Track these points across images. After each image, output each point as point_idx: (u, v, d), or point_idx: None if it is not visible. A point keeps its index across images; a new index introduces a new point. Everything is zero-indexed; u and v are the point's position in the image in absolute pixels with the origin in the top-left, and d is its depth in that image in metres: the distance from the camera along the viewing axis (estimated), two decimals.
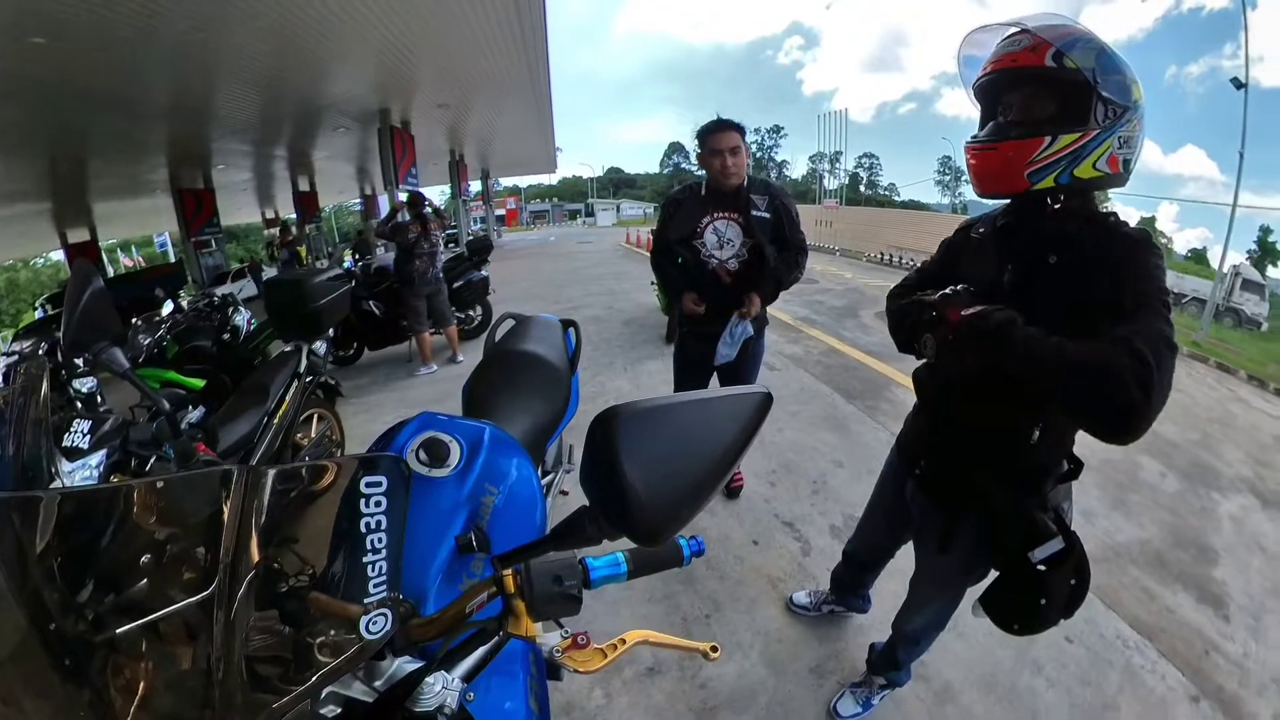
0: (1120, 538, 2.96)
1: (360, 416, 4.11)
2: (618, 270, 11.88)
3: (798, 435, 3.71)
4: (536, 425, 1.43)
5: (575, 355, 1.84)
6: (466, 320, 6.16)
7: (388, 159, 10.75)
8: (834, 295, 9.14)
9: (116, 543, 0.47)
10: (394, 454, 0.66)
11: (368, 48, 7.00)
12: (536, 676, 0.84)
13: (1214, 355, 8.78)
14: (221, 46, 5.98)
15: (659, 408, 0.58)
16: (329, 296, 2.90)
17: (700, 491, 0.58)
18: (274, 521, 0.48)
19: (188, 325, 4.92)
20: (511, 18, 7.21)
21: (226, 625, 0.45)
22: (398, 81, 8.93)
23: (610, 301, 8.24)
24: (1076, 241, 1.06)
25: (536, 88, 11.55)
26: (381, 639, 0.57)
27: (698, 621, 2.15)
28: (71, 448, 1.88)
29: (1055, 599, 1.15)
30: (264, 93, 8.20)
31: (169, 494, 0.51)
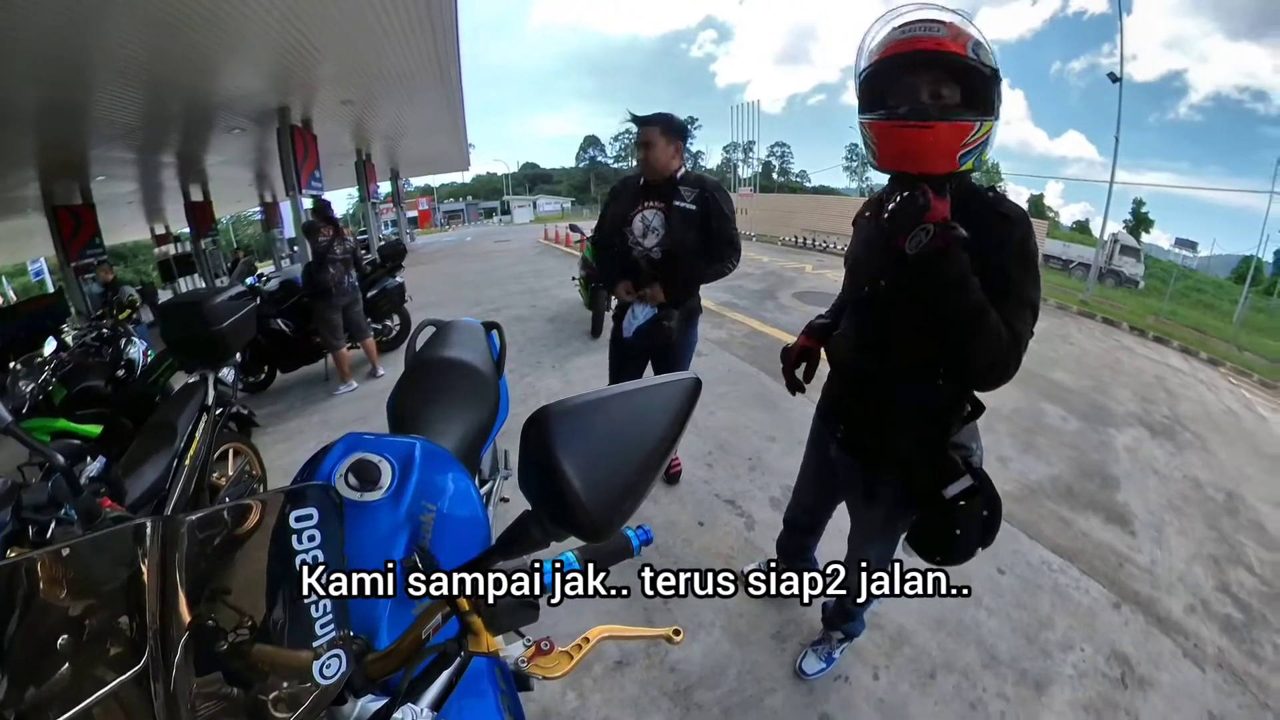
0: (1033, 476, 3.27)
1: (280, 446, 3.85)
2: (537, 267, 11.74)
3: (730, 416, 3.83)
4: (468, 434, 1.40)
5: (501, 358, 1.81)
6: (384, 331, 5.86)
7: (289, 161, 10.02)
8: (753, 279, 9.47)
9: (26, 626, 0.43)
10: (322, 482, 0.64)
11: (263, 40, 6.46)
12: (507, 691, 0.84)
13: (1100, 312, 9.82)
14: (95, 41, 5.35)
15: (590, 403, 0.58)
16: (232, 318, 2.65)
17: (640, 481, 0.59)
18: (201, 574, 0.46)
19: (75, 364, 4.38)
20: (420, 9, 6.88)
21: (167, 699, 0.42)
22: (297, 77, 8.32)
23: (532, 300, 8.14)
24: (961, 217, 1.14)
25: (447, 82, 11.10)
26: (338, 682, 0.55)
27: (658, 609, 2.19)
28: None
29: (970, 530, 1.29)
30: (147, 92, 7.37)
31: (78, 561, 0.47)
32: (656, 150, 2.27)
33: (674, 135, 2.30)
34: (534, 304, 7.84)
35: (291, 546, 0.52)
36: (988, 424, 1.49)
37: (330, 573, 0.55)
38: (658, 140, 2.27)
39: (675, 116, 2.33)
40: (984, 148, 1.15)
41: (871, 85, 1.22)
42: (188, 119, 9.51)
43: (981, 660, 2.01)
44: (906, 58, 1.14)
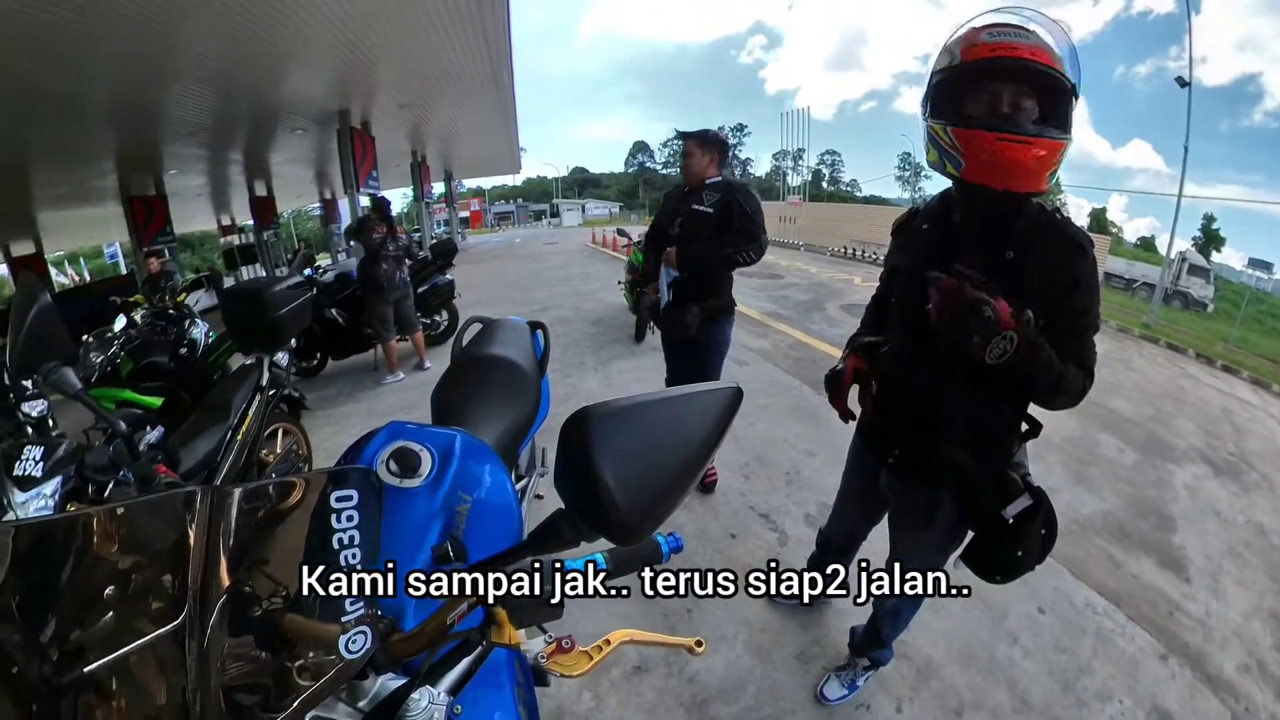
0: (1084, 510, 3.09)
1: (327, 429, 4.00)
2: (584, 270, 11.82)
3: (769, 428, 3.77)
4: (508, 430, 1.42)
5: (544, 357, 1.83)
6: (432, 326, 6.03)
7: (348, 161, 10.46)
8: (799, 290, 9.31)
9: (78, 576, 0.45)
10: (363, 466, 0.65)
11: (326, 46, 6.79)
12: (524, 684, 0.84)
13: (1164, 336, 9.24)
14: (172, 45, 5.72)
15: (630, 407, 0.58)
16: (290, 306, 2.79)
17: (675, 488, 0.59)
18: (243, 543, 0.47)
19: (142, 341, 4.70)
20: (475, 17, 7.10)
21: (200, 655, 0.44)
22: (358, 81, 8.70)
23: (578, 302, 8.20)
24: (1032, 241, 1.16)
25: (500, 88, 11.40)
26: (362, 658, 0.56)
27: (680, 617, 2.17)
28: (24, 476, 1.78)
29: (1030, 549, 1.27)
30: (217, 93, 7.86)
31: (131, 520, 0.50)
32: (693, 160, 2.54)
33: (709, 147, 2.55)
34: (579, 306, 7.90)
35: (330, 525, 0.53)
36: (1037, 452, 1.43)
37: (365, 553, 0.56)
38: (694, 151, 2.54)
39: (712, 131, 2.60)
40: (1058, 167, 1.11)
41: (950, 88, 1.15)
42: (254, 120, 10.07)
43: (1012, 703, 1.90)
44: (999, 63, 1.06)
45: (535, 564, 0.68)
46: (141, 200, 12.93)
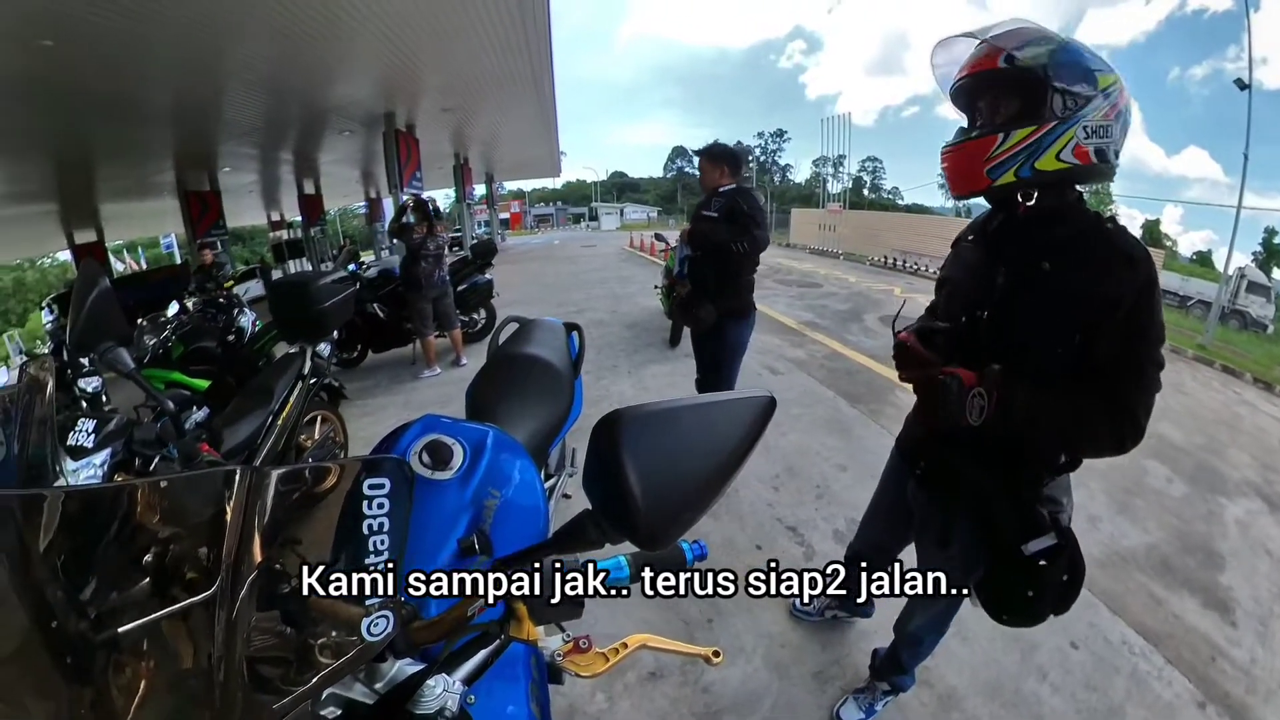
0: (1126, 542, 2.94)
1: (364, 419, 4.11)
2: (621, 274, 11.85)
3: (801, 439, 3.70)
4: (540, 429, 1.43)
5: (579, 359, 1.85)
6: (471, 323, 6.16)
7: (393, 162, 10.76)
8: (838, 299, 9.13)
9: (119, 542, 0.47)
10: (397, 456, 0.66)
11: (373, 52, 7.03)
12: (538, 680, 0.84)
13: (1220, 359, 8.68)
14: (226, 50, 6.02)
15: (662, 411, 0.58)
16: (334, 299, 2.90)
17: (703, 495, 0.59)
18: (277, 522, 0.48)
19: (193, 326, 4.95)
20: (516, 23, 7.25)
21: (228, 625, 0.45)
22: (403, 85, 8.96)
23: (614, 305, 8.22)
24: (1073, 251, 1.08)
25: (541, 92, 11.59)
26: (382, 641, 0.56)
27: (700, 626, 2.14)
28: (76, 446, 1.88)
29: (1046, 593, 1.17)
30: (269, 96, 8.24)
31: (172, 494, 0.51)
32: (705, 174, 2.87)
33: (718, 160, 2.83)
34: (615, 309, 7.92)
35: (361, 511, 0.54)
36: (1080, 478, 1.35)
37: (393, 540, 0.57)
38: (705, 166, 2.86)
39: (719, 145, 2.89)
40: (1024, 157, 1.06)
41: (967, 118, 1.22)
42: (304, 121, 10.51)
43: None
44: (958, 87, 1.16)
45: (557, 563, 0.68)
46: (197, 195, 13.63)
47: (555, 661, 0.86)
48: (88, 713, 0.44)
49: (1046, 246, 1.10)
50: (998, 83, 1.10)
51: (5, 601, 0.43)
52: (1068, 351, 1.07)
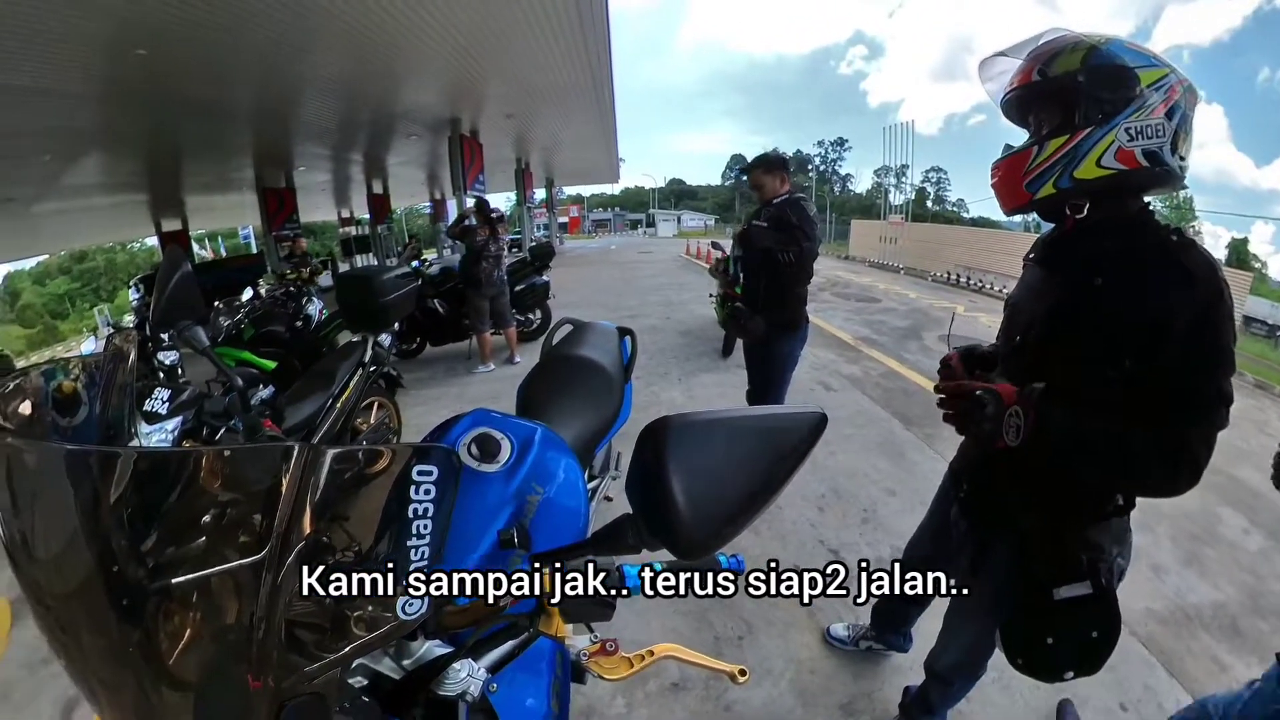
0: (1192, 598, 2.69)
1: (418, 408, 4.25)
2: (677, 281, 11.83)
3: (851, 459, 3.59)
4: (587, 430, 1.44)
5: (630, 363, 1.85)
6: (526, 323, 6.32)
7: (457, 165, 11.14)
8: (897, 315, 8.79)
9: (181, 502, 0.50)
10: (447, 446, 0.67)
11: (440, 60, 7.31)
12: (561, 677, 0.84)
13: None
14: (305, 59, 6.42)
15: (710, 421, 0.58)
16: (397, 293, 3.05)
17: (745, 509, 0.58)
18: (328, 498, 0.50)
19: (265, 311, 5.29)
20: (577, 33, 7.40)
21: (273, 589, 0.47)
22: (468, 92, 9.27)
23: (668, 312, 8.20)
24: (1127, 265, 0.98)
25: (600, 100, 11.76)
26: (415, 620, 0.58)
27: (729, 642, 2.09)
28: (151, 412, 2.05)
29: (1066, 645, 1.08)
30: (343, 102, 8.72)
31: (234, 463, 0.54)
32: (763, 187, 2.84)
33: (775, 169, 2.81)
34: (669, 316, 7.90)
35: (408, 495, 0.56)
36: (1145, 520, 1.25)
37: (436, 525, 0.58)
38: (762, 180, 2.82)
39: (770, 153, 2.89)
40: (1061, 167, 1.00)
41: None
42: (375, 125, 11.02)
43: None
44: (1003, 109, 1.17)
45: (593, 564, 0.68)
46: (273, 191, 14.52)
47: (580, 661, 0.86)
48: (135, 651, 0.47)
49: (1098, 261, 1.02)
50: (1037, 96, 1.07)
51: (75, 543, 0.47)
52: (1120, 377, 0.97)
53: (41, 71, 5.20)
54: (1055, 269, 1.13)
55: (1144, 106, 0.95)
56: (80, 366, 0.76)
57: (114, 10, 4.40)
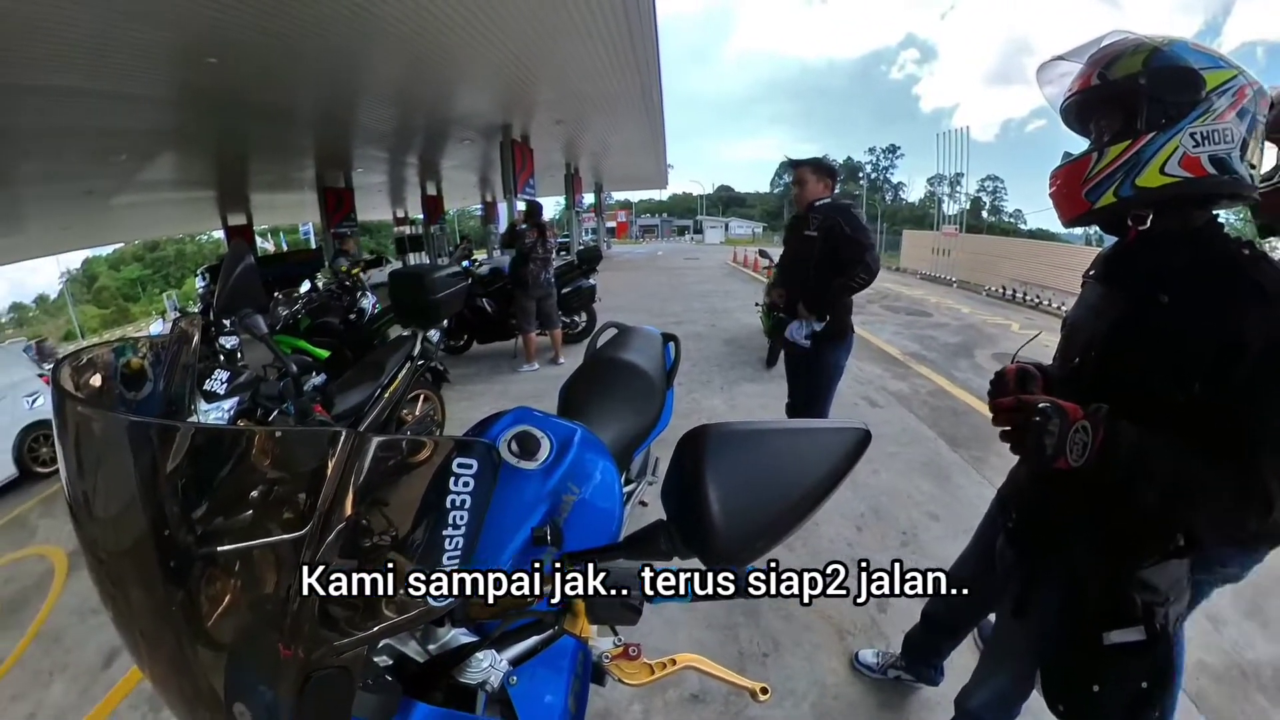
0: (1251, 654, 2.46)
1: (462, 402, 4.37)
2: (723, 289, 11.77)
3: (894, 479, 3.47)
4: (626, 433, 1.44)
5: (673, 369, 1.85)
6: (571, 325, 6.43)
7: (508, 170, 11.41)
8: (948, 331, 8.47)
9: (232, 477, 0.52)
10: (488, 441, 0.69)
11: (492, 69, 7.54)
12: (581, 677, 0.84)
13: None
14: (365, 66, 6.73)
15: (751, 432, 0.58)
16: (447, 290, 3.15)
17: (781, 523, 0.57)
18: (369, 483, 0.51)
19: (320, 303, 5.57)
20: (625, 41, 7.49)
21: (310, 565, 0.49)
22: (519, 99, 9.52)
23: (713, 320, 8.17)
24: (1194, 280, 0.92)
25: (649, 107, 11.84)
26: (444, 608, 0.59)
27: (754, 658, 2.05)
28: (210, 392, 2.21)
29: (1113, 695, 0.99)
30: (399, 107, 9.12)
31: (284, 444, 0.56)
32: (804, 187, 2.76)
33: (822, 173, 2.75)
34: (714, 324, 7.88)
35: (447, 486, 0.57)
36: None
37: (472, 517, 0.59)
38: (807, 179, 2.74)
39: (822, 159, 2.83)
40: (1123, 174, 0.94)
41: None
42: (429, 130, 11.42)
43: None
44: (1062, 116, 1.12)
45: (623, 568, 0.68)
46: (333, 191, 15.14)
47: (602, 663, 0.85)
48: (176, 611, 0.50)
49: (1163, 276, 0.95)
50: (1096, 101, 1.02)
51: (131, 506, 0.50)
52: (1187, 402, 0.90)
53: (123, 78, 5.65)
54: (1117, 285, 1.06)
55: (1210, 110, 0.89)
56: (148, 346, 0.81)
57: (188, 23, 4.75)
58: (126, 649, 0.56)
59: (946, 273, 15.76)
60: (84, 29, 4.50)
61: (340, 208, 15.37)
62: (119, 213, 13.97)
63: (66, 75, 5.26)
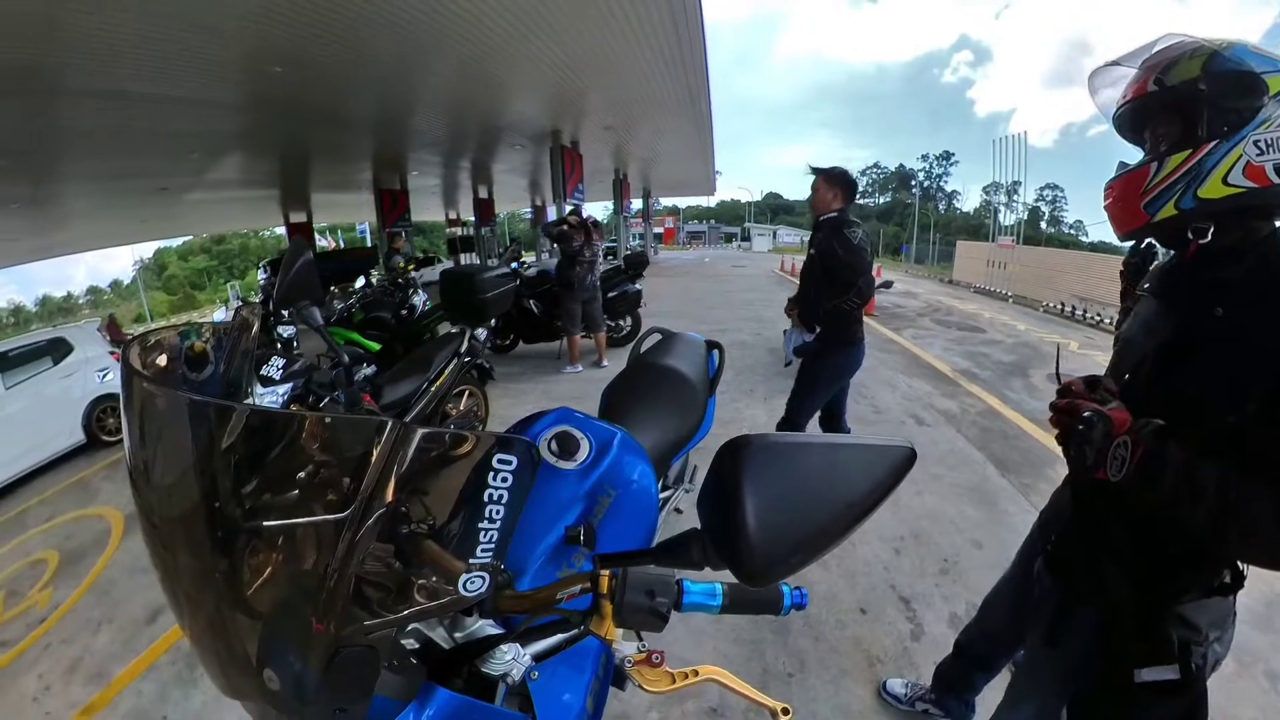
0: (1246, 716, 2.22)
1: (505, 400, 4.47)
2: (769, 297, 11.54)
3: (937, 502, 3.34)
4: (666, 439, 1.44)
5: (716, 377, 1.84)
6: (616, 328, 6.48)
7: (557, 175, 11.63)
8: (1002, 349, 8.10)
9: (282, 457, 0.55)
10: (528, 439, 0.70)
11: (542, 76, 7.74)
12: (602, 679, 0.84)
13: None
14: (420, 75, 7.05)
15: (792, 445, 0.57)
16: (496, 291, 3.25)
17: (818, 541, 0.56)
18: (412, 472, 0.53)
19: (374, 299, 5.82)
20: (673, 46, 7.54)
21: (350, 546, 0.51)
22: (568, 105, 9.70)
23: (759, 329, 8.04)
24: (1251, 294, 0.86)
25: (697, 112, 11.86)
26: (474, 598, 0.60)
27: (778, 677, 2.00)
28: (266, 377, 2.35)
29: None
30: (452, 114, 9.50)
31: (332, 430, 0.59)
32: (818, 193, 2.78)
33: (834, 183, 2.74)
34: (760, 333, 7.76)
35: (486, 480, 0.58)
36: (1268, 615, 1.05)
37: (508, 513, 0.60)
38: (819, 185, 2.75)
39: (838, 168, 2.80)
40: (1184, 185, 0.89)
41: None
42: (481, 136, 11.80)
43: None
44: (1115, 123, 1.07)
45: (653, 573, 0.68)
46: (389, 192, 15.81)
47: (624, 667, 0.85)
48: (220, 576, 0.53)
49: (1219, 289, 0.91)
50: (1153, 108, 0.97)
51: (187, 478, 0.53)
52: (1241, 423, 0.84)
53: (197, 86, 6.09)
54: (1172, 300, 1.01)
55: (1274, 117, 0.84)
56: (211, 331, 0.87)
57: (257, 36, 5.12)
58: (170, 608, 0.60)
59: (1002, 286, 15.06)
60: (165, 43, 4.93)
61: (395, 208, 16.01)
62: (189, 208, 15.01)
63: (147, 83, 5.74)
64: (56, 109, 5.98)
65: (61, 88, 5.44)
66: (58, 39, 4.50)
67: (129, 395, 0.58)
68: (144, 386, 0.57)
